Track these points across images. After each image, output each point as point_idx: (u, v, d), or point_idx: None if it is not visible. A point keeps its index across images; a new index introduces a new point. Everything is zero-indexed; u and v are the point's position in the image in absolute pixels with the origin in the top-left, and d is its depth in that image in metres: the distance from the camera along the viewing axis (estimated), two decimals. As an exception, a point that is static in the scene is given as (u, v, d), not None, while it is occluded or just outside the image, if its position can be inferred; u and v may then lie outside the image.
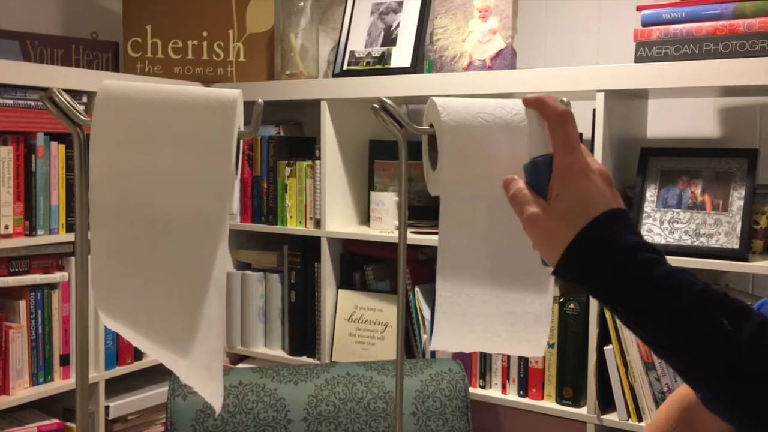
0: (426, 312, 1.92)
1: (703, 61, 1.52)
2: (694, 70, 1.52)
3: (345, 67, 2.03)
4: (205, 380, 0.69)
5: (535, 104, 0.68)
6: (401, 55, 1.96)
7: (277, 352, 2.13)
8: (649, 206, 1.66)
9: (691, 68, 1.52)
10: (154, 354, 0.68)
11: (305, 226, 2.05)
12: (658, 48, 1.58)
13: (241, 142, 0.70)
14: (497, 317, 0.77)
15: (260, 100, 0.65)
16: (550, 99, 0.67)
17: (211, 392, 0.70)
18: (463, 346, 0.80)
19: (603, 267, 0.62)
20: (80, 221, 0.70)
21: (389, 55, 1.98)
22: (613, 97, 1.64)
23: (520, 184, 0.68)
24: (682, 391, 1.03)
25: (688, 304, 0.61)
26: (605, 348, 1.65)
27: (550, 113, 0.66)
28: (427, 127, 0.72)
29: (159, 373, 2.12)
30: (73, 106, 0.63)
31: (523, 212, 0.67)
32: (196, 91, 0.64)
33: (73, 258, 1.86)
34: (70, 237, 1.84)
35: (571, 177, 0.65)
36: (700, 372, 0.61)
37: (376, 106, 0.70)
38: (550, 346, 1.73)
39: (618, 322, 1.62)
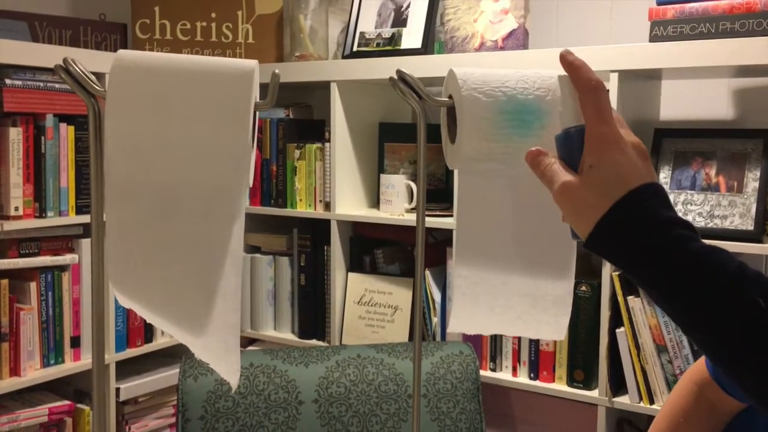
0: (437, 295, 1.91)
1: (720, 39, 1.49)
2: (711, 49, 1.50)
3: (355, 49, 2.01)
4: (221, 355, 0.69)
5: (569, 68, 0.65)
6: (412, 36, 1.94)
7: (287, 335, 2.12)
8: (662, 188, 1.64)
9: (707, 47, 1.50)
10: (169, 330, 0.67)
11: (315, 209, 2.04)
12: (674, 27, 1.56)
13: (257, 114, 0.69)
14: (517, 299, 0.75)
15: (277, 71, 0.64)
16: (585, 67, 0.65)
17: (228, 367, 0.70)
18: (481, 328, 0.78)
19: (637, 241, 0.61)
20: (96, 196, 0.69)
21: (399, 36, 1.96)
22: (627, 77, 1.62)
23: (549, 159, 0.66)
24: (696, 369, 1.02)
25: (723, 282, 0.59)
26: (617, 330, 1.64)
27: (582, 83, 0.64)
28: (446, 99, 0.71)
29: (169, 356, 2.12)
30: (88, 76, 0.62)
31: (554, 183, 0.65)
32: (212, 60, 0.62)
33: (83, 240, 1.86)
34: (80, 219, 1.83)
35: (604, 148, 0.63)
36: (730, 350, 0.59)
37: (395, 77, 0.69)
38: (562, 328, 1.72)
39: (630, 305, 1.61)
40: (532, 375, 1.79)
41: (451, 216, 1.87)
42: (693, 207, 1.60)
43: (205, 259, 0.66)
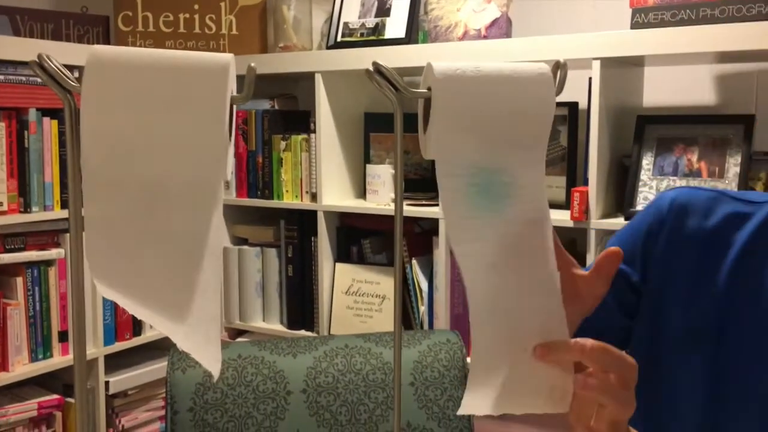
0: (423, 284, 1.92)
1: (700, 26, 1.50)
2: (691, 35, 1.51)
3: (339, 39, 2.01)
4: (202, 346, 0.69)
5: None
6: (395, 25, 1.94)
7: (276, 326, 2.13)
8: (645, 174, 1.65)
9: (687, 34, 1.51)
10: (151, 321, 0.68)
11: (301, 200, 2.04)
12: (655, 14, 1.56)
13: (234, 108, 0.69)
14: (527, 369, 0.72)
15: (252, 64, 0.64)
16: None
17: (209, 358, 0.70)
18: (497, 408, 0.73)
19: None
20: (74, 192, 0.69)
21: (383, 25, 1.96)
22: (610, 65, 1.63)
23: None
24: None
25: None
26: (602, 316, 1.66)
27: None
28: (424, 90, 0.71)
29: (158, 349, 2.12)
30: (63, 72, 0.62)
31: None
32: (187, 54, 0.63)
33: (68, 235, 1.85)
34: (65, 213, 1.83)
35: None
36: None
37: (371, 69, 0.69)
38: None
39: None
40: (518, 362, 1.80)
41: (437, 205, 1.87)
42: (675, 193, 1.61)
43: (184, 253, 0.67)
